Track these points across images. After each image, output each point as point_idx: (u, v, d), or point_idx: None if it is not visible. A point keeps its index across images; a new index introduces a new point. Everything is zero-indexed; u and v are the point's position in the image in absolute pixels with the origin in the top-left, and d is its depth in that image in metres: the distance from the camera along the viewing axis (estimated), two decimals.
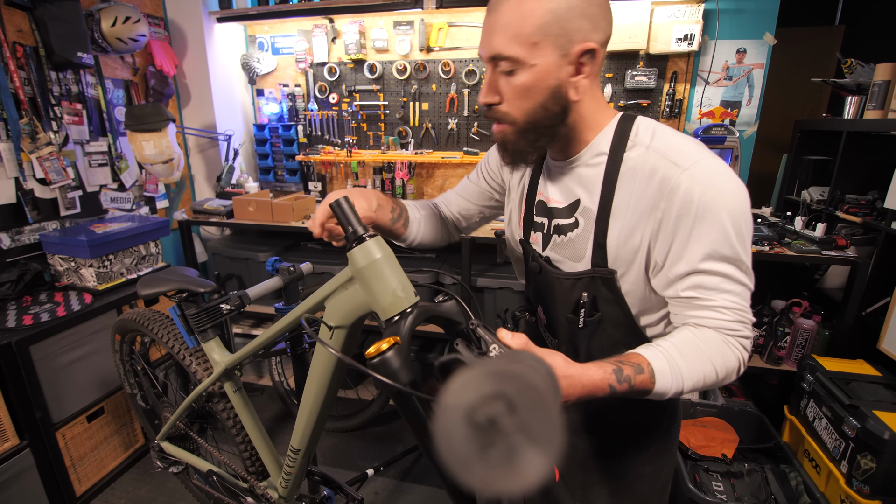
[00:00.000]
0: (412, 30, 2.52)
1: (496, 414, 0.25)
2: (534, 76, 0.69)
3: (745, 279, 0.70)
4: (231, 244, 2.60)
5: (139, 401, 1.70)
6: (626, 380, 0.65)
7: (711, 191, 0.66)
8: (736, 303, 0.70)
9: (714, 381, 0.69)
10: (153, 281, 1.22)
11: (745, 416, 1.92)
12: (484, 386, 0.26)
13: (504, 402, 0.25)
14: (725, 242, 0.67)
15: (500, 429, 0.25)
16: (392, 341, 0.67)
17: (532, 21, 0.65)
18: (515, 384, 0.26)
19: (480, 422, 0.25)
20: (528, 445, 0.24)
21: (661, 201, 0.69)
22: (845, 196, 2.05)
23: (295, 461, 1.11)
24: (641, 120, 0.76)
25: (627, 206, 0.73)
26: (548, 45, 0.67)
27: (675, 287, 0.72)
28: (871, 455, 1.41)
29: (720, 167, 0.69)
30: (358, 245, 0.72)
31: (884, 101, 1.88)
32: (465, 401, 0.25)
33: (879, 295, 1.83)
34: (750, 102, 2.33)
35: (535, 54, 0.67)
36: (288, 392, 2.41)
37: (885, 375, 1.67)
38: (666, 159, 0.69)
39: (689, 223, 0.68)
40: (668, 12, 2.19)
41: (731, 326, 0.70)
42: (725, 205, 0.66)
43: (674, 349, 0.69)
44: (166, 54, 2.41)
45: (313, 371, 0.90)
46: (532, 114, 0.72)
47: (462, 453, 0.25)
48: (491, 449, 0.25)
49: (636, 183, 0.72)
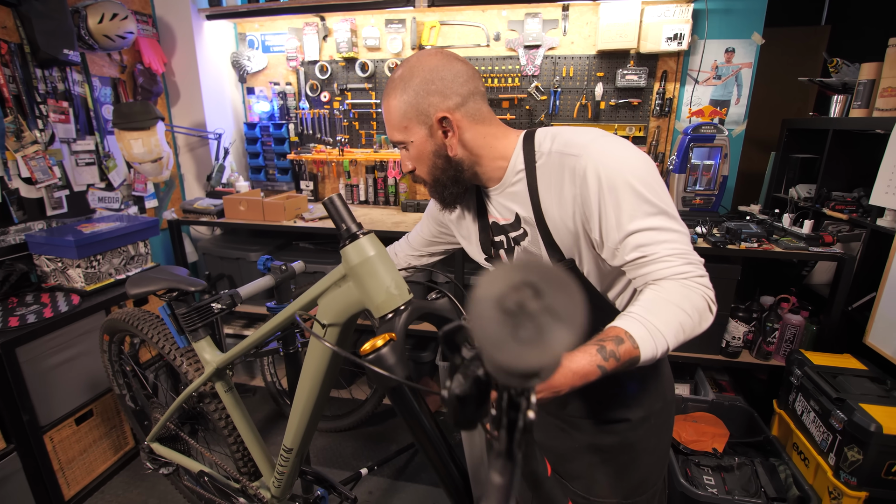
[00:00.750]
0: (404, 28, 2.52)
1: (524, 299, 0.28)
2: (416, 149, 0.86)
3: (675, 225, 0.76)
4: (222, 244, 2.58)
5: (128, 402, 1.68)
6: (612, 355, 0.67)
7: (609, 165, 0.76)
8: (677, 248, 0.75)
9: (692, 325, 0.72)
10: (142, 280, 1.20)
11: (735, 411, 1.94)
12: (512, 276, 0.29)
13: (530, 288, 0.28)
14: (642, 200, 0.75)
15: (528, 311, 0.28)
16: (387, 338, 0.67)
17: (397, 114, 0.84)
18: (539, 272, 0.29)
19: (510, 307, 0.28)
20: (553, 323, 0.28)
21: (575, 188, 0.79)
22: (832, 193, 2.09)
23: (288, 460, 1.11)
24: (539, 132, 0.87)
25: (553, 203, 0.83)
26: (413, 125, 0.84)
27: (619, 255, 0.79)
28: (858, 447, 1.44)
29: (611, 142, 0.79)
30: (351, 242, 0.72)
31: (868, 100, 1.91)
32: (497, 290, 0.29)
33: (865, 290, 1.86)
34: (738, 101, 2.35)
35: (409, 134, 0.85)
36: (280, 392, 2.40)
37: (871, 369, 1.70)
38: (565, 154, 0.80)
39: (605, 196, 0.76)
40: (657, 12, 2.20)
41: (683, 270, 0.74)
42: (627, 169, 0.75)
43: (643, 311, 0.71)
44: (155, 52, 2.38)
45: (307, 368, 0.90)
46: (431, 173, 0.89)
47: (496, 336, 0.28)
48: (521, 329, 0.28)
49: (552, 182, 0.83)
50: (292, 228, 2.33)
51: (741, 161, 2.43)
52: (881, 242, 1.78)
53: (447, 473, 0.71)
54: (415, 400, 0.72)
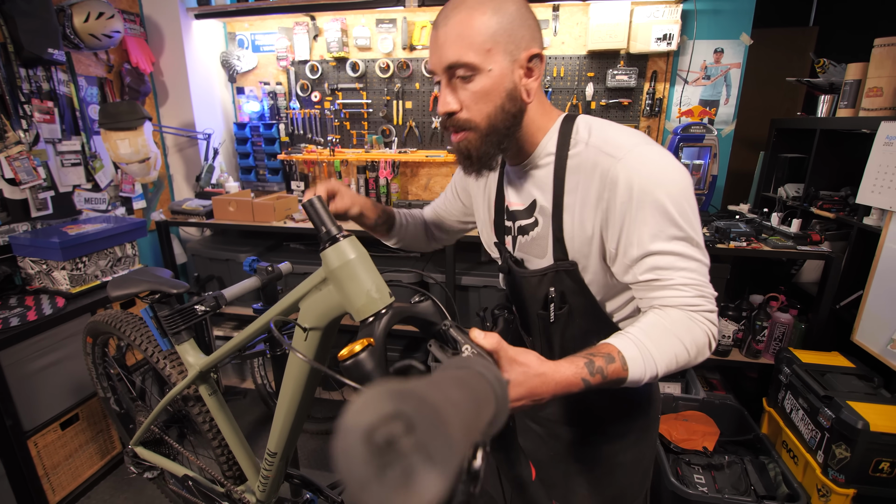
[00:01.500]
0: (395, 28, 2.51)
1: (394, 434, 0.25)
2: (491, 80, 0.72)
3: (698, 255, 0.72)
4: (211, 245, 2.56)
5: (113, 405, 1.66)
6: (599, 371, 0.65)
7: (647, 176, 0.70)
8: (693, 279, 0.71)
9: (686, 359, 0.70)
10: (124, 282, 1.19)
11: (726, 410, 1.95)
12: (383, 406, 0.26)
13: (402, 421, 0.25)
14: (670, 222, 0.70)
15: (397, 449, 0.25)
16: (366, 342, 0.65)
17: (483, 31, 0.70)
18: (414, 403, 0.26)
19: (379, 442, 0.25)
20: (424, 465, 0.24)
21: (604, 192, 0.73)
22: (819, 192, 2.10)
23: (272, 464, 1.09)
24: (581, 118, 0.80)
25: (576, 200, 0.77)
26: (499, 51, 0.71)
27: (632, 272, 0.74)
28: (846, 444, 1.45)
29: (654, 152, 0.72)
30: (331, 245, 0.71)
31: (855, 100, 1.92)
32: (364, 421, 0.25)
33: (852, 289, 1.87)
34: (728, 101, 2.36)
35: (490, 60, 0.71)
36: (270, 395, 2.38)
37: (859, 367, 1.71)
38: (603, 152, 0.74)
39: (633, 209, 0.71)
40: (647, 12, 2.21)
41: (693, 302, 0.71)
42: (663, 187, 0.70)
43: (642, 334, 0.69)
44: (142, 51, 2.36)
45: (288, 374, 0.89)
46: (493, 117, 0.74)
47: (359, 474, 0.24)
48: (388, 469, 0.24)
49: (581, 178, 0.76)
50: (283, 229, 2.32)
51: (730, 161, 2.44)
52: (868, 241, 1.79)
53: None
54: None
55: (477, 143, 0.76)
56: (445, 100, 0.75)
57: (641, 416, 0.94)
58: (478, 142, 0.76)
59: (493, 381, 0.41)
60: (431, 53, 0.75)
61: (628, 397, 0.91)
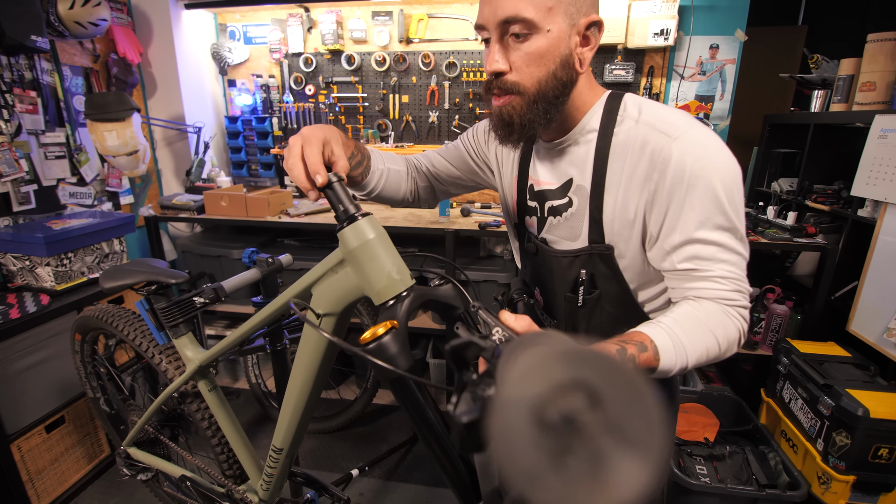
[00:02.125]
0: (391, 21, 2.47)
1: (575, 409, 0.19)
2: (548, 42, 0.67)
3: (740, 248, 0.70)
4: (202, 241, 2.50)
5: (103, 405, 1.60)
6: (631, 359, 0.63)
7: (703, 159, 0.67)
8: (733, 272, 0.70)
9: (717, 353, 0.68)
10: (118, 273, 1.13)
11: (724, 401, 1.96)
12: (557, 372, 0.19)
13: (585, 392, 0.19)
14: (719, 210, 0.67)
15: (580, 429, 0.19)
16: (388, 325, 0.63)
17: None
18: (599, 368, 0.19)
19: (554, 420, 0.19)
20: (619, 450, 0.18)
21: (653, 172, 0.69)
22: (813, 186, 2.13)
23: (277, 461, 1.05)
24: (629, 96, 0.76)
25: (620, 180, 0.73)
26: (560, 12, 0.66)
27: (671, 259, 0.72)
28: (846, 432, 1.46)
29: (710, 136, 0.69)
30: (350, 224, 0.68)
31: (848, 95, 1.96)
32: (533, 393, 0.19)
33: (847, 279, 1.89)
34: (723, 97, 2.38)
35: (550, 20, 0.66)
36: (266, 394, 2.32)
37: (855, 356, 1.73)
38: (656, 130, 0.69)
39: (683, 192, 0.68)
40: (645, 7, 2.22)
41: (730, 296, 0.70)
42: (717, 172, 0.67)
43: (675, 324, 0.67)
44: (130, 41, 2.29)
45: (299, 362, 0.85)
46: (543, 83, 0.69)
47: (530, 463, 0.18)
48: (569, 456, 0.18)
49: (628, 156, 0.72)
50: (277, 224, 2.27)
51: None
52: (862, 232, 1.81)
53: (453, 468, 0.68)
54: (418, 391, 0.68)
55: (522, 110, 0.71)
56: (494, 58, 0.69)
57: (665, 405, 0.93)
58: (523, 108, 0.71)
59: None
60: (484, 5, 0.68)
61: (656, 387, 0.89)
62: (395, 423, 2.32)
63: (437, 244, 2.52)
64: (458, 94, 2.55)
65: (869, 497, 1.51)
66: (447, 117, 2.59)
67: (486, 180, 1.03)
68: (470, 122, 2.58)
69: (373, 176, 0.94)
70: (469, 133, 1.01)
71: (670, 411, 0.94)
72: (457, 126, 2.59)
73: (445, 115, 2.59)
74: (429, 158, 1.05)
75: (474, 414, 0.40)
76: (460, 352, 0.46)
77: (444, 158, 1.03)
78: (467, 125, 2.58)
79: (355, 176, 0.90)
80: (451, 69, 2.49)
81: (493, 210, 2.40)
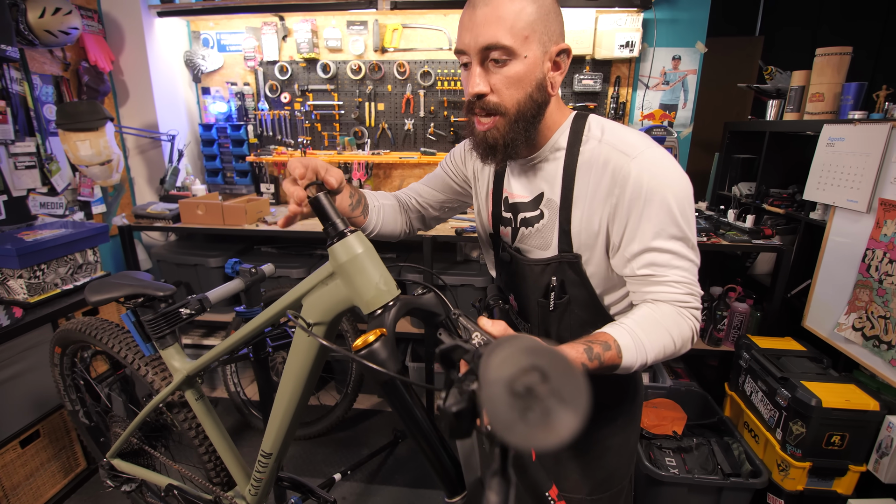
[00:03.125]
0: (366, 30, 2.51)
1: (533, 382, 0.30)
2: (525, 67, 0.73)
3: (692, 255, 0.78)
4: (177, 250, 2.47)
5: (82, 418, 1.58)
6: (597, 357, 0.70)
7: (658, 176, 0.75)
8: (685, 277, 0.78)
9: (672, 350, 0.76)
10: (104, 286, 1.14)
11: (691, 396, 2.06)
12: (521, 360, 0.31)
13: (538, 372, 0.30)
14: (672, 222, 0.75)
15: (536, 395, 0.30)
16: (378, 333, 0.67)
17: (524, 17, 0.71)
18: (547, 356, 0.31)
19: (519, 390, 0.30)
20: (560, 407, 0.30)
21: (614, 188, 0.77)
22: (770, 190, 2.26)
23: (266, 466, 1.08)
24: (592, 118, 0.84)
25: (586, 194, 0.81)
26: (535, 40, 0.73)
27: (631, 265, 0.79)
28: (802, 421, 1.57)
29: (665, 156, 0.78)
30: (339, 240, 0.72)
31: (799, 104, 2.10)
32: (506, 373, 0.30)
33: (802, 278, 2.03)
34: (685, 105, 2.51)
35: (526, 47, 0.72)
36: (245, 402, 2.32)
37: (810, 350, 1.86)
38: (616, 150, 0.77)
39: (640, 206, 0.75)
40: (611, 20, 2.32)
41: (683, 299, 0.77)
42: (671, 188, 0.75)
43: (636, 325, 0.74)
44: (101, 49, 2.26)
45: (290, 368, 0.88)
46: (522, 104, 0.76)
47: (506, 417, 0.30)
48: (529, 412, 0.30)
49: (592, 173, 0.80)
50: (254, 232, 2.27)
51: (689, 161, 2.59)
52: (814, 234, 1.95)
53: (440, 463, 0.73)
54: (406, 392, 0.73)
55: (505, 129, 0.78)
56: (475, 81, 0.74)
57: (628, 401, 1.00)
58: (506, 128, 0.77)
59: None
60: (465, 31, 0.74)
61: (618, 383, 0.96)
62: (375, 427, 2.35)
63: (414, 250, 2.57)
64: (433, 103, 2.60)
65: (824, 482, 1.62)
66: (423, 125, 2.64)
67: (470, 198, 1.10)
68: (445, 129, 2.63)
69: (371, 214, 0.99)
70: (447, 159, 1.09)
71: (634, 404, 1.01)
72: (432, 133, 2.64)
73: (421, 122, 2.64)
74: (415, 190, 1.12)
75: (462, 405, 0.48)
76: (448, 354, 0.53)
77: (429, 187, 1.10)
78: (442, 133, 2.64)
79: (356, 217, 0.94)
80: (426, 78, 2.54)
81: (469, 216, 2.46)
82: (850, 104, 1.88)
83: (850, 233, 1.71)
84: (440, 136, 2.65)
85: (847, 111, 1.88)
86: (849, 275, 1.70)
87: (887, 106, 1.75)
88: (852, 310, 1.68)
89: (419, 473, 2.05)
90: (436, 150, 2.64)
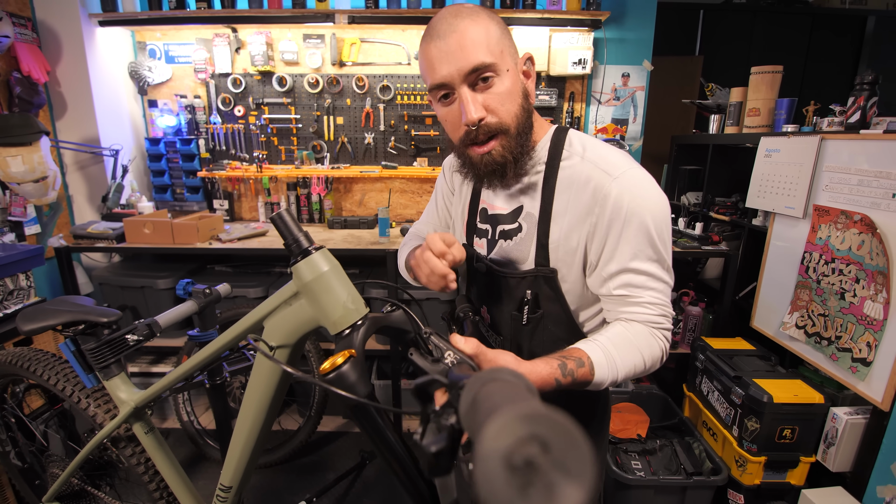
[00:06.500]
0: (323, 44, 2.48)
1: (532, 455, 0.26)
2: (510, 80, 0.75)
3: (666, 277, 0.80)
4: (122, 271, 2.32)
5: (13, 459, 1.43)
6: (570, 373, 0.70)
7: (638, 198, 0.75)
8: (659, 298, 0.79)
9: (643, 369, 0.77)
10: (39, 313, 1.04)
11: (652, 398, 2.12)
12: (518, 430, 0.27)
13: (538, 442, 0.27)
14: (650, 244, 0.76)
15: (537, 468, 0.26)
16: (347, 354, 0.65)
17: (493, 35, 0.73)
18: (547, 423, 0.28)
19: (518, 464, 0.26)
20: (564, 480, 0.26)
21: (594, 206, 0.77)
22: (715, 199, 2.40)
23: (225, 500, 1.01)
24: (573, 132, 0.84)
25: (566, 210, 0.80)
26: (507, 53, 0.75)
27: (607, 285, 0.80)
28: (756, 417, 1.65)
29: (646, 177, 0.79)
30: (303, 258, 0.69)
31: (738, 119, 2.24)
32: (503, 446, 0.27)
33: (748, 281, 2.14)
34: (635, 120, 2.63)
35: (504, 61, 0.74)
36: (200, 432, 2.18)
37: (759, 349, 1.96)
38: (598, 169, 0.78)
39: (619, 226, 0.76)
40: (564, 39, 2.41)
41: (656, 320, 0.79)
42: (650, 211, 0.76)
43: (609, 343, 0.75)
44: (35, 58, 2.11)
45: (251, 395, 0.84)
46: (519, 117, 0.77)
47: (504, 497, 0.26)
48: (531, 488, 0.26)
49: (573, 190, 0.80)
50: (207, 251, 2.17)
51: None
52: (757, 239, 2.07)
53: (413, 486, 0.70)
54: (377, 414, 0.70)
55: (511, 145, 0.77)
56: (470, 108, 0.73)
57: (598, 411, 1.01)
58: (511, 144, 0.77)
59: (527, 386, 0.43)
60: (440, 64, 0.72)
61: (589, 399, 0.96)
62: (341, 450, 2.27)
63: (378, 265, 2.53)
64: (393, 117, 2.59)
65: (778, 474, 1.70)
66: (383, 139, 2.63)
67: None
68: (406, 143, 2.63)
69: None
70: (438, 183, 1.09)
71: (602, 420, 1.02)
72: (393, 147, 2.63)
73: (381, 136, 2.63)
74: (426, 227, 1.13)
75: (441, 443, 0.45)
76: (424, 388, 0.50)
77: (436, 216, 1.11)
78: (403, 147, 2.63)
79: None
80: (386, 92, 2.54)
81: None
82: (783, 118, 2.03)
83: (789, 237, 1.83)
84: (401, 150, 2.64)
85: (781, 125, 2.02)
86: (790, 276, 1.81)
87: (815, 120, 1.89)
88: (795, 309, 1.78)
89: (388, 495, 1.99)
90: (397, 163, 2.63)
